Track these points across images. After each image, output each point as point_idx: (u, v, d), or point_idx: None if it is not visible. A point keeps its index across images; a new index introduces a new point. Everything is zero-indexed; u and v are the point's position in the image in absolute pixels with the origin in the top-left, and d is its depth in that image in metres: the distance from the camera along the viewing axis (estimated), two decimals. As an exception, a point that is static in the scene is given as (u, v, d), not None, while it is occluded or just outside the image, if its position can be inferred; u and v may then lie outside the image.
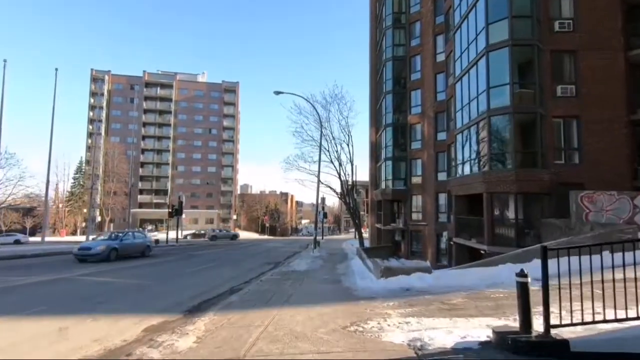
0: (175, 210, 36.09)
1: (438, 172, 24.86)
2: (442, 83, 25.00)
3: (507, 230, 14.45)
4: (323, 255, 21.74)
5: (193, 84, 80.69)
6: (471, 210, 18.37)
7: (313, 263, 17.05)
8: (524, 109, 14.41)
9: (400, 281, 9.25)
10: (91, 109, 74.00)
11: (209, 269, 15.37)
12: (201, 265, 16.41)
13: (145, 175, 75.10)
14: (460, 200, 18.49)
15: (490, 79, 15.12)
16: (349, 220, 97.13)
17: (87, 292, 9.29)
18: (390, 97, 30.05)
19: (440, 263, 24.07)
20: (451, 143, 21.74)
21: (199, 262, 18.11)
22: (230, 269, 15.42)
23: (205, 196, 77.81)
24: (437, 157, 24.97)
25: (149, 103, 76.29)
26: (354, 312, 6.52)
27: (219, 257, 20.83)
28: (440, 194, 24.54)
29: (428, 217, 25.89)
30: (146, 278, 12.24)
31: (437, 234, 24.44)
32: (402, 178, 29.09)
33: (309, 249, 27.00)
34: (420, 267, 9.97)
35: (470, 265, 10.35)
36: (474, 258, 17.59)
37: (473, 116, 16.55)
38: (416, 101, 28.51)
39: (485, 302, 6.76)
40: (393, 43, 29.96)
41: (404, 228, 28.76)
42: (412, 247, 27.94)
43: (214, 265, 16.68)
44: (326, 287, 10.02)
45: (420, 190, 27.34)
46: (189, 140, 77.84)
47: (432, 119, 25.46)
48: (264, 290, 9.49)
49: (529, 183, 13.79)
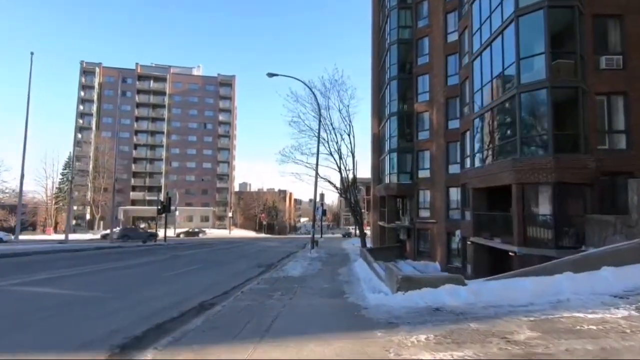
0: (163, 207, 33.70)
1: (449, 165, 22.52)
2: (454, 66, 22.60)
3: (541, 228, 12.09)
4: (322, 256, 19.39)
5: (188, 77, 78.09)
6: (492, 205, 16.04)
7: (310, 266, 14.70)
8: (562, 83, 12.03)
9: (426, 296, 6.88)
10: (81, 102, 71.34)
11: (189, 273, 12.99)
12: (182, 268, 14.05)
13: (138, 172, 72.59)
14: (479, 194, 16.14)
15: (521, 49, 12.73)
16: (348, 218, 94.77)
17: (3, 312, 6.90)
18: (394, 83, 27.64)
19: (452, 265, 21.77)
20: (466, 130, 19.38)
21: (182, 264, 15.74)
22: (214, 274, 13.06)
23: (201, 193, 75.37)
24: (447, 147, 22.61)
25: (141, 97, 73.69)
26: (369, 354, 4.16)
27: (206, 259, 18.46)
28: (452, 189, 22.20)
29: (437, 214, 23.56)
30: (105, 287, 9.85)
31: (448, 233, 22.10)
32: (408, 172, 26.73)
33: (306, 249, 24.61)
34: (448, 277, 7.60)
35: (513, 274, 7.98)
36: (496, 261, 15.28)
37: (497, 96, 14.17)
38: (424, 87, 26.11)
39: (571, 338, 4.38)
40: (398, 25, 27.53)
41: (410, 226, 26.42)
42: (419, 247, 25.61)
43: (197, 269, 14.30)
44: (325, 303, 7.65)
45: (428, 185, 24.98)
46: (183, 135, 75.30)
47: (442, 105, 23.08)
48: (241, 308, 7.12)
49: (571, 171, 11.43)
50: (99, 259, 16.50)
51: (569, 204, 11.79)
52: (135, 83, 73.83)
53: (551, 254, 11.37)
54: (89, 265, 13.97)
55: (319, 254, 19.90)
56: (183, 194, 73.69)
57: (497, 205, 15.98)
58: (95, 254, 19.47)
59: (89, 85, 71.98)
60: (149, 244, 31.06)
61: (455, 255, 21.85)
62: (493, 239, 14.25)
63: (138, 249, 24.46)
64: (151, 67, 76.63)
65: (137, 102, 73.33)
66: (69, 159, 62.41)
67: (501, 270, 16.03)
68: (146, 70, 75.37)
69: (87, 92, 71.62)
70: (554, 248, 11.34)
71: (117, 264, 15.04)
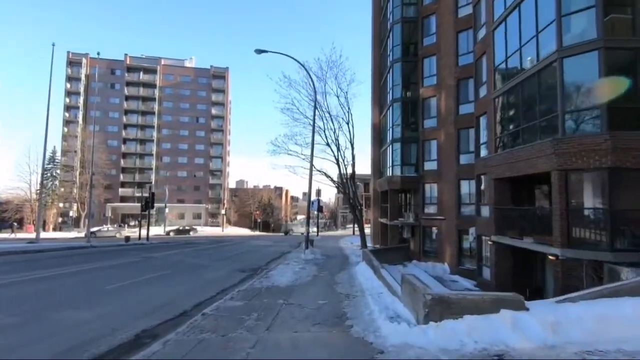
0: (147, 203, 31.08)
1: (460, 154, 20.08)
2: (466, 43, 20.15)
3: (591, 226, 9.66)
4: (317, 258, 16.92)
5: (179, 69, 75.03)
6: (516, 198, 13.65)
7: (303, 271, 12.21)
8: (618, 44, 9.57)
9: (474, 330, 4.43)
10: (67, 95, 68.26)
11: (148, 283, 10.47)
12: (145, 275, 11.53)
13: (127, 167, 69.63)
14: (502, 186, 13.71)
15: (563, 4, 10.25)
16: (346, 216, 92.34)
17: None
18: (398, 67, 25.11)
19: (463, 267, 19.40)
20: (482, 114, 16.93)
21: (147, 269, 13.21)
22: (180, 283, 10.54)
23: (193, 189, 72.53)
24: (458, 135, 20.17)
25: (131, 89, 70.60)
26: None
27: (181, 261, 15.92)
28: (463, 181, 19.78)
29: (446, 209, 21.14)
30: (16, 307, 7.31)
31: (459, 231, 19.69)
32: (413, 163, 24.27)
33: (300, 249, 22.12)
34: (499, 297, 5.12)
35: (595, 293, 5.47)
36: (522, 264, 12.92)
37: (528, 65, 11.70)
38: (430, 70, 23.61)
39: None
40: (402, 1, 24.98)
41: (415, 223, 23.99)
42: (425, 246, 23.20)
43: (163, 275, 11.78)
44: (317, 339, 5.15)
45: (435, 178, 22.54)
46: (174, 129, 72.30)
47: (452, 88, 20.61)
48: (191, 347, 4.64)
49: (632, 154, 8.99)
50: (50, 263, 13.92)
51: (629, 195, 9.36)
52: (124, 75, 70.73)
53: (606, 258, 8.98)
54: (26, 273, 11.40)
55: (314, 255, 17.43)
56: (174, 190, 70.94)
57: (522, 199, 13.59)
58: (55, 256, 16.88)
59: (76, 77, 68.86)
60: (130, 243, 28.46)
61: (467, 255, 19.46)
62: (522, 239, 11.83)
63: (110, 249, 21.87)
64: (141, 58, 73.52)
65: (126, 95, 70.26)
66: (53, 153, 59.43)
67: (529, 276, 13.68)
68: (136, 61, 72.24)
69: (73, 84, 68.48)
70: (609, 250, 8.92)
71: (66, 269, 12.48)
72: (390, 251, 19.39)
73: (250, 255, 19.53)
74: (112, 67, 70.93)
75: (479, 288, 16.54)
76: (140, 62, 72.24)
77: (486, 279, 16.10)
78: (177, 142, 72.35)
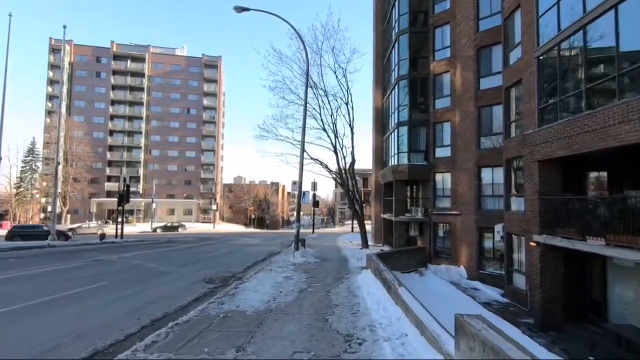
0: (120, 198, 27.78)
1: (481, 137, 16.84)
2: (488, 4, 16.88)
3: None
4: (309, 262, 13.68)
5: (169, 57, 71.23)
6: (567, 186, 10.44)
7: (286, 283, 8.98)
8: None
9: None
10: (50, 83, 64.52)
11: (52, 304, 7.20)
12: (64, 290, 8.29)
13: (114, 160, 66.01)
14: (550, 170, 10.48)
15: None
16: (344, 212, 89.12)
17: None
18: (405, 39, 21.77)
19: (484, 271, 16.24)
20: (513, 84, 13.68)
21: (84, 278, 9.96)
22: (104, 305, 7.27)
23: (184, 184, 69.06)
24: (479, 114, 16.91)
25: (118, 78, 66.85)
26: None
27: (138, 266, 12.64)
28: (485, 169, 16.57)
29: (462, 203, 17.94)
30: None
31: (480, 228, 16.50)
32: (422, 150, 21.02)
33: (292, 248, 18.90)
34: None
35: None
36: (581, 275, 9.74)
37: (594, 3, 8.42)
38: (443, 42, 20.31)
39: None
40: (410, -37, 21.63)
41: (424, 219, 20.78)
42: (436, 246, 20.01)
43: (90, 290, 8.52)
44: None
45: (448, 166, 19.31)
46: (164, 121, 68.65)
47: (472, 59, 17.32)
48: None
49: None
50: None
51: None
52: (110, 63, 66.97)
53: None
54: None
55: (305, 258, 14.20)
56: (164, 185, 67.62)
57: (571, 188, 10.38)
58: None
59: (59, 65, 64.92)
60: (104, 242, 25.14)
61: (490, 258, 16.28)
62: (586, 240, 8.61)
63: (69, 249, 18.53)
64: (128, 46, 69.70)
65: (113, 84, 66.51)
66: (32, 145, 55.87)
67: (585, 290, 10.55)
68: (123, 49, 68.42)
69: (56, 72, 64.62)
70: None
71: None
72: (401, 255, 16.00)
73: (230, 258, 16.26)
74: (97, 55, 67.18)
75: (508, 300, 13.38)
76: (127, 50, 68.47)
77: (519, 288, 12.94)
78: (167, 135, 68.77)
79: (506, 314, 11.78)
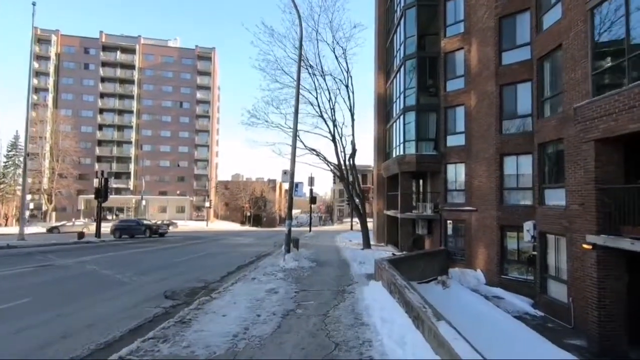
0: (97, 193, 25.43)
1: (503, 120, 14.51)
2: (512, -34, 14.50)
3: None
4: (302, 267, 11.33)
5: (161, 49, 68.48)
6: (627, 172, 8.15)
7: (268, 301, 6.64)
8: None
9: None
10: (35, 75, 61.62)
11: None
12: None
13: (103, 156, 63.42)
14: (610, 153, 8.17)
15: None
16: (342, 209, 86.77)
17: None
18: (412, 14, 19.39)
19: (508, 276, 13.92)
20: (549, 52, 11.35)
21: (4, 292, 7.58)
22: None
23: (176, 180, 66.51)
24: (501, 94, 14.56)
25: (107, 70, 64.12)
26: None
27: (91, 273, 10.27)
28: (508, 157, 14.24)
29: (479, 197, 15.63)
30: None
31: (502, 226, 14.19)
32: (431, 138, 18.70)
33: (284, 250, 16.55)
34: None
35: None
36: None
37: None
38: (456, 15, 17.94)
39: None
40: None
41: (434, 216, 18.49)
42: (447, 246, 17.72)
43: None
44: None
45: (462, 156, 17.00)
46: (156, 115, 66.04)
47: (492, 31, 14.95)
48: None
49: None
50: None
51: None
52: (99, 54, 64.21)
53: None
54: None
55: (299, 261, 11.88)
56: (156, 181, 65.15)
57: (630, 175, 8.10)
58: None
59: (44, 56, 62.25)
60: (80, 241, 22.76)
61: (514, 261, 13.98)
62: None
63: (26, 251, 16.12)
64: (118, 36, 66.85)
65: (102, 77, 63.78)
66: (15, 139, 53.24)
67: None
68: (112, 40, 65.63)
69: (41, 63, 61.87)
70: None
71: None
72: (417, 260, 13.38)
73: (211, 261, 13.89)
74: (85, 46, 64.42)
75: (542, 312, 11.10)
76: (117, 41, 65.69)
77: (556, 300, 10.66)
78: (159, 129, 66.18)
79: (546, 332, 9.50)
